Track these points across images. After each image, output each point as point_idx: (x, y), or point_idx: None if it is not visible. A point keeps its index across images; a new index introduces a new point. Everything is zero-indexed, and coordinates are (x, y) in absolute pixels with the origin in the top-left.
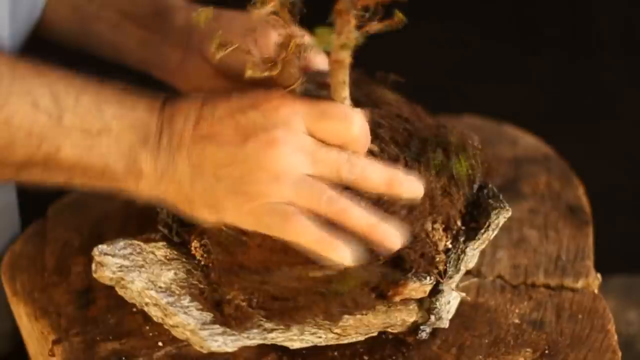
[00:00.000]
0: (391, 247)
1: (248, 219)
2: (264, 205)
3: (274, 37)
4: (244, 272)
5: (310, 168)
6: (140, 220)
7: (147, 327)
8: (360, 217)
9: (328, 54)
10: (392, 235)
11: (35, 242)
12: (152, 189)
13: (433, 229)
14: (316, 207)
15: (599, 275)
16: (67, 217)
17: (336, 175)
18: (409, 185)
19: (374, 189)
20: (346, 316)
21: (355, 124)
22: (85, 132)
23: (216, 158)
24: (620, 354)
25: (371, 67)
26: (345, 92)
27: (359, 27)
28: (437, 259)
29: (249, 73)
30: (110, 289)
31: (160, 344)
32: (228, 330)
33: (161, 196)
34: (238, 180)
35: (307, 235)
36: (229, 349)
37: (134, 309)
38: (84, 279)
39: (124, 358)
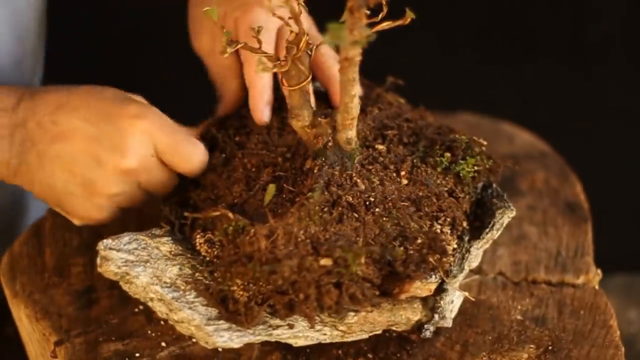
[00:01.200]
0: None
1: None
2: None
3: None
4: (252, 263)
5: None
6: (140, 219)
7: (150, 327)
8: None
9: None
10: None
11: (34, 242)
12: (12, 182)
13: (442, 231)
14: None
15: (599, 271)
16: (66, 218)
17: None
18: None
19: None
20: (351, 313)
21: (195, 166)
22: None
23: (69, 162)
24: (623, 349)
25: (371, 68)
26: (354, 90)
27: (369, 25)
28: (444, 259)
29: (258, 69)
30: (112, 289)
31: (163, 344)
32: (234, 326)
33: (29, 190)
34: (81, 185)
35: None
36: (235, 345)
37: (136, 310)
38: (85, 280)
39: (127, 359)
